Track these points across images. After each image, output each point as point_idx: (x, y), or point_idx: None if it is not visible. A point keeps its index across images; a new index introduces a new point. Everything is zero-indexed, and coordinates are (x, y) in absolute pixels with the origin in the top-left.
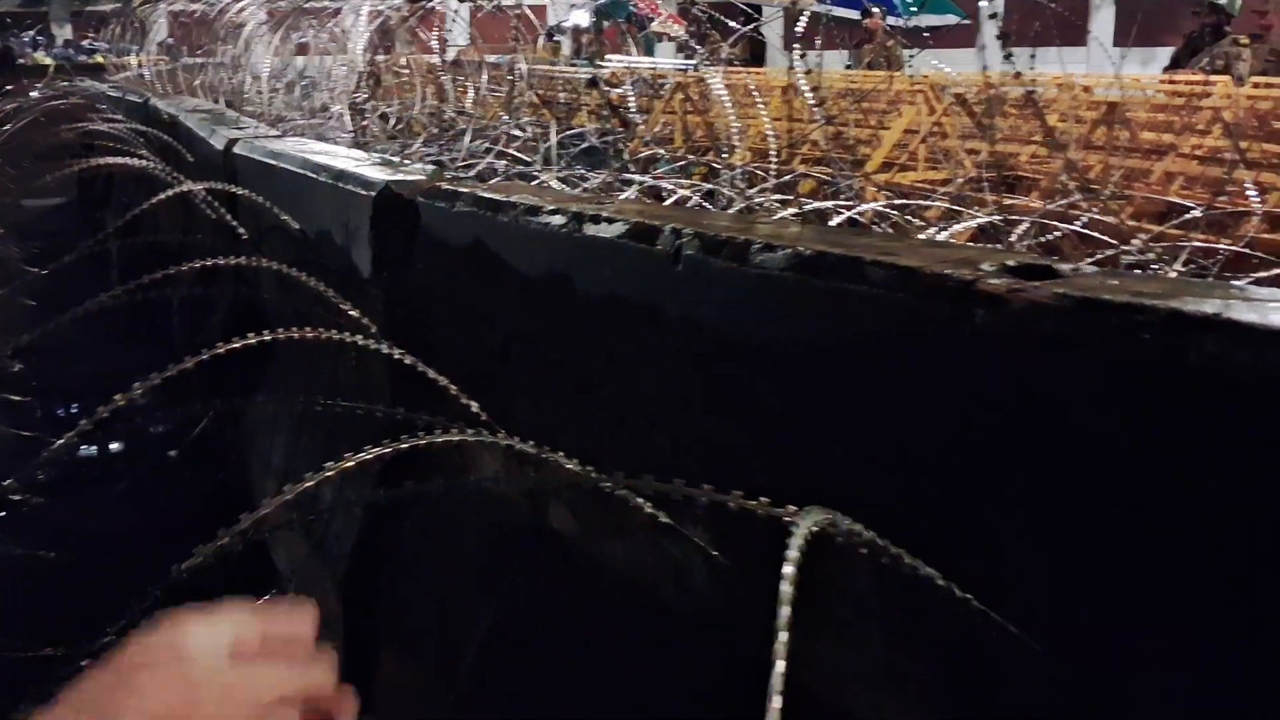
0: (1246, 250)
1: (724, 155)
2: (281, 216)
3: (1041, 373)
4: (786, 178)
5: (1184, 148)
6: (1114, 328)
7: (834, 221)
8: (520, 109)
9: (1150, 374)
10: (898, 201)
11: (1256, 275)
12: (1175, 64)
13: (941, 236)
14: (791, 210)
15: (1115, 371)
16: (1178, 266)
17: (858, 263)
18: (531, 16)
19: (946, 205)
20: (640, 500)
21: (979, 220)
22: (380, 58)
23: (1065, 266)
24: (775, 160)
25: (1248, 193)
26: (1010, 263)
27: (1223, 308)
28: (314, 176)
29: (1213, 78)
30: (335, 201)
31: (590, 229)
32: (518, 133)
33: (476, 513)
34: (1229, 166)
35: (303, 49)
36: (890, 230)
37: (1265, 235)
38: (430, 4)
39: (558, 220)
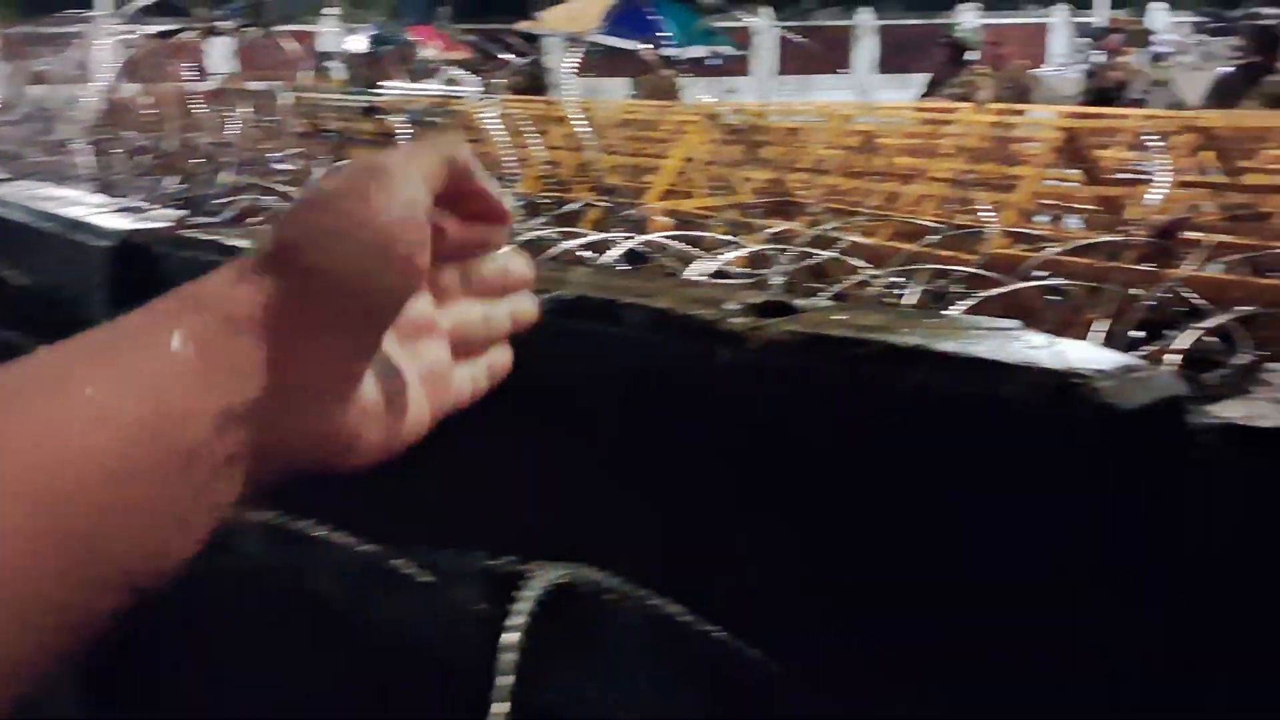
0: (980, 271)
1: (507, 186)
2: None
3: (779, 402)
4: (569, 208)
5: (935, 171)
6: (837, 360)
7: (615, 251)
8: (288, 140)
9: (870, 400)
10: (676, 232)
11: (989, 292)
12: (927, 92)
13: (714, 265)
14: (576, 242)
15: (842, 399)
16: (922, 286)
17: (614, 306)
18: (296, 45)
19: (720, 235)
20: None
21: (753, 248)
22: (131, 87)
23: (802, 302)
24: (556, 191)
25: (981, 213)
26: (753, 301)
27: (929, 340)
28: (43, 226)
29: (957, 105)
30: (68, 254)
31: None
32: (285, 166)
33: (240, 591)
34: (970, 188)
35: (40, 78)
36: (674, 257)
37: (1002, 251)
38: (184, 30)
39: None
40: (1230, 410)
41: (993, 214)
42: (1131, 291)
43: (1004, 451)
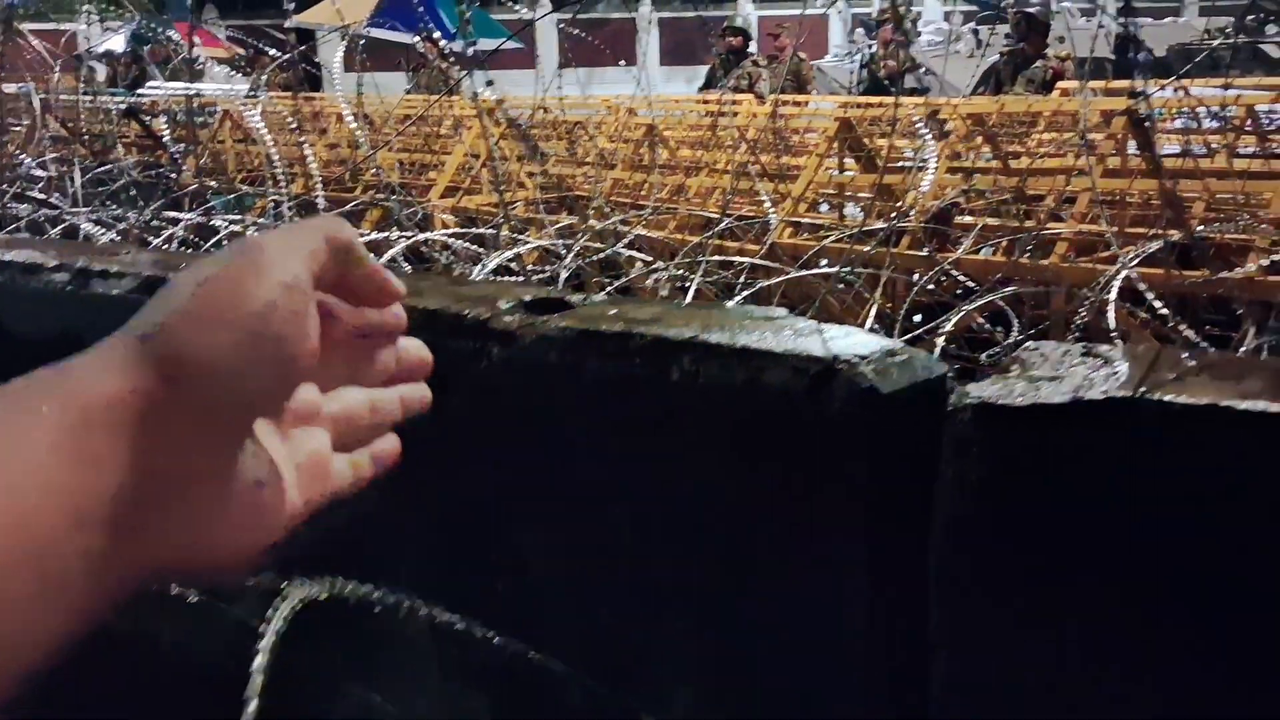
0: (762, 262)
1: (283, 187)
2: None
3: (553, 398)
4: (350, 207)
5: (718, 163)
6: (610, 354)
7: (392, 252)
8: (42, 144)
9: (643, 391)
10: (460, 230)
11: (771, 280)
12: (708, 84)
13: (498, 261)
14: None
15: (614, 391)
16: (706, 277)
17: None
18: (48, 45)
19: (504, 232)
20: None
21: (539, 243)
22: None
23: (577, 297)
24: (326, 190)
25: (764, 203)
26: (527, 298)
27: (700, 331)
28: None
29: (738, 96)
30: None
31: (99, 286)
32: (40, 172)
33: None
34: (753, 179)
35: None
36: (457, 255)
37: (785, 240)
38: None
39: (61, 278)
40: (985, 390)
41: (775, 204)
42: (915, 276)
43: (771, 435)
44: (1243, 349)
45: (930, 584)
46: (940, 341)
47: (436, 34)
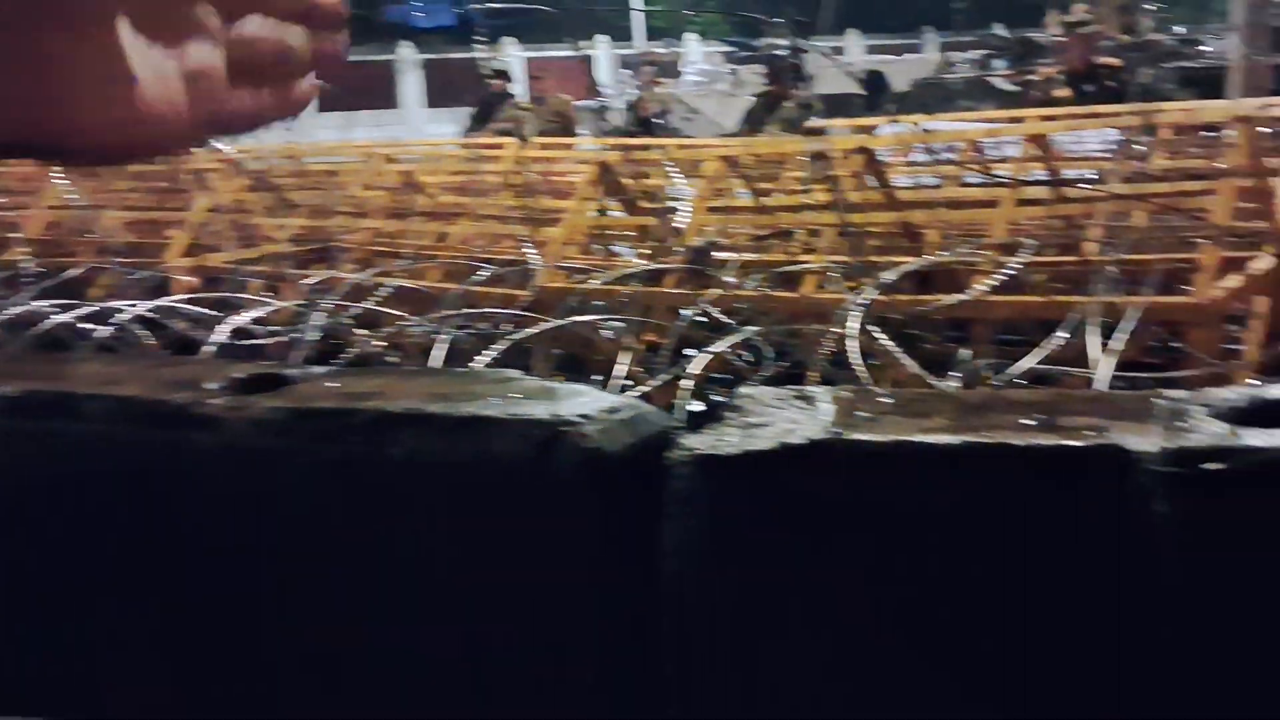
0: (524, 312)
1: None
2: None
3: (266, 486)
4: (71, 274)
5: (482, 208)
6: (326, 435)
7: (122, 318)
8: None
9: (361, 472)
10: (200, 294)
11: (535, 329)
12: (472, 127)
13: (239, 324)
14: (71, 315)
15: (334, 474)
16: (461, 331)
17: (72, 399)
18: None
19: (250, 293)
20: None
21: (284, 304)
22: None
23: (297, 371)
24: (55, 255)
25: (529, 249)
26: (240, 375)
27: (422, 403)
28: None
29: (502, 140)
30: None
31: None
32: None
33: None
34: (517, 223)
35: None
36: (193, 321)
37: (551, 285)
38: None
39: None
40: (700, 440)
41: (540, 249)
42: (682, 314)
43: (499, 505)
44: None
45: (662, 637)
46: (688, 381)
47: None
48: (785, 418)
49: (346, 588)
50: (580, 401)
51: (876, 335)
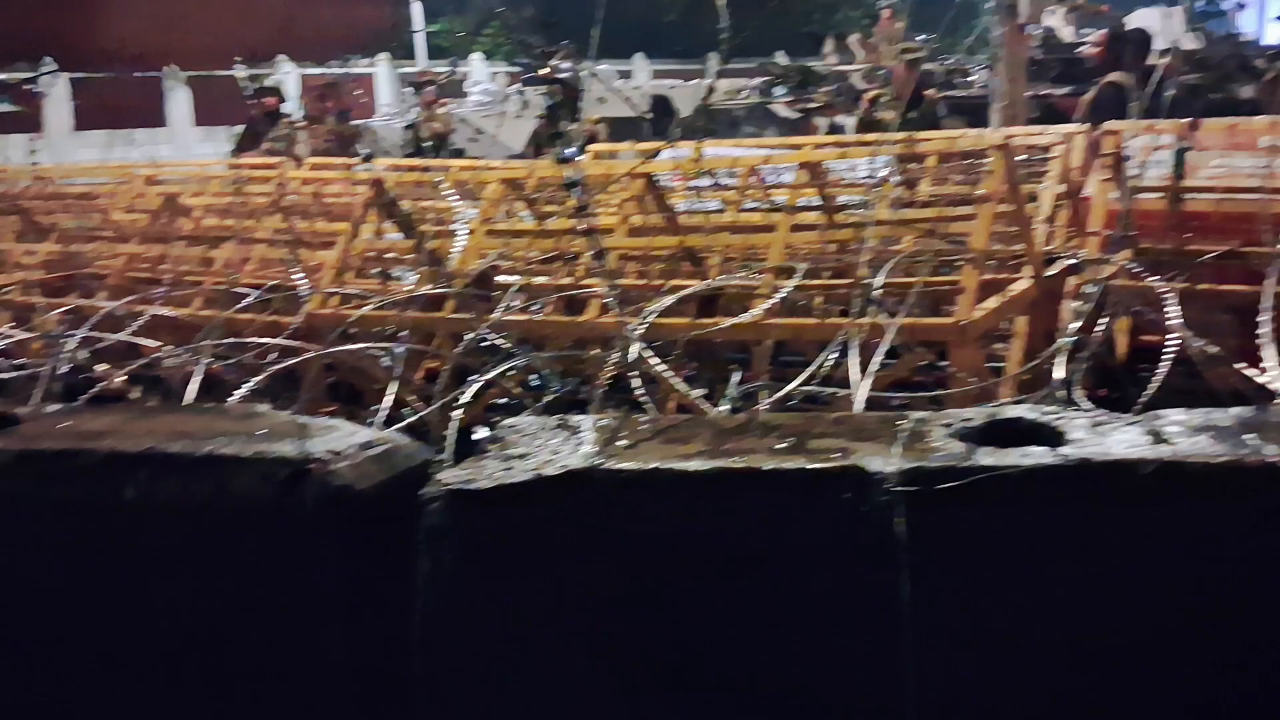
0: (294, 342)
1: None
2: None
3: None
4: None
5: (251, 231)
6: (54, 475)
7: None
8: None
9: (93, 515)
10: None
11: (302, 358)
12: (241, 147)
13: None
14: None
15: (62, 518)
16: (214, 361)
17: None
18: None
19: None
20: None
21: (26, 336)
22: None
23: (27, 410)
24: None
25: (294, 276)
26: None
27: (160, 441)
28: None
29: (274, 160)
30: None
31: None
32: None
33: None
34: (290, 248)
35: None
36: None
37: (324, 311)
38: None
39: None
40: (456, 475)
41: (310, 274)
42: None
43: (242, 546)
44: (727, 393)
45: (415, 674)
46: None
47: None
48: (547, 448)
49: (76, 636)
50: (331, 437)
51: (652, 360)
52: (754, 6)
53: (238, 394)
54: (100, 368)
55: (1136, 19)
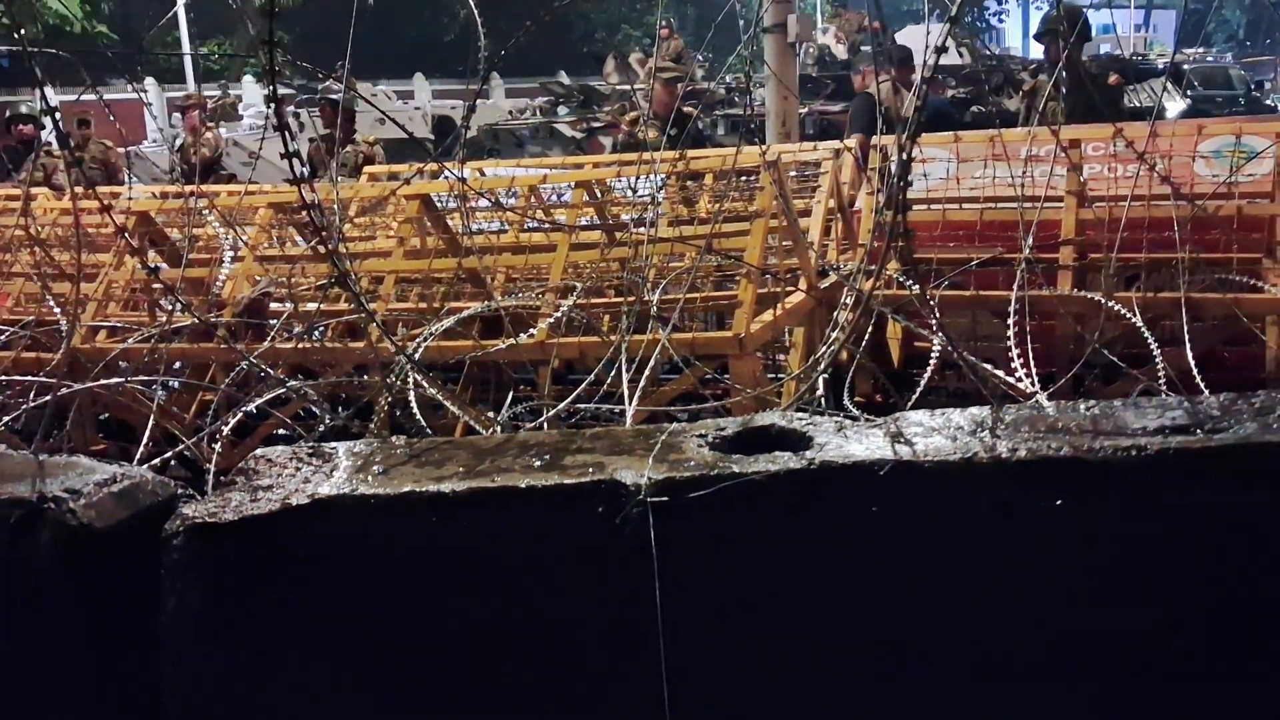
0: (54, 379)
1: None
2: None
3: None
4: None
5: (9, 265)
6: None
7: None
8: None
9: None
10: None
11: (63, 393)
12: None
13: None
14: None
15: None
16: None
17: None
18: None
19: None
20: None
21: None
22: None
23: None
24: None
25: (54, 309)
26: None
27: None
28: None
29: (33, 190)
30: None
31: None
32: None
33: None
34: (42, 281)
35: None
36: None
37: (88, 346)
38: None
39: None
40: (199, 508)
41: (72, 308)
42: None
43: None
44: (504, 414)
45: (167, 708)
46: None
47: None
48: (297, 478)
49: None
50: (69, 476)
51: (424, 384)
52: (527, 25)
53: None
54: None
55: (902, 36)
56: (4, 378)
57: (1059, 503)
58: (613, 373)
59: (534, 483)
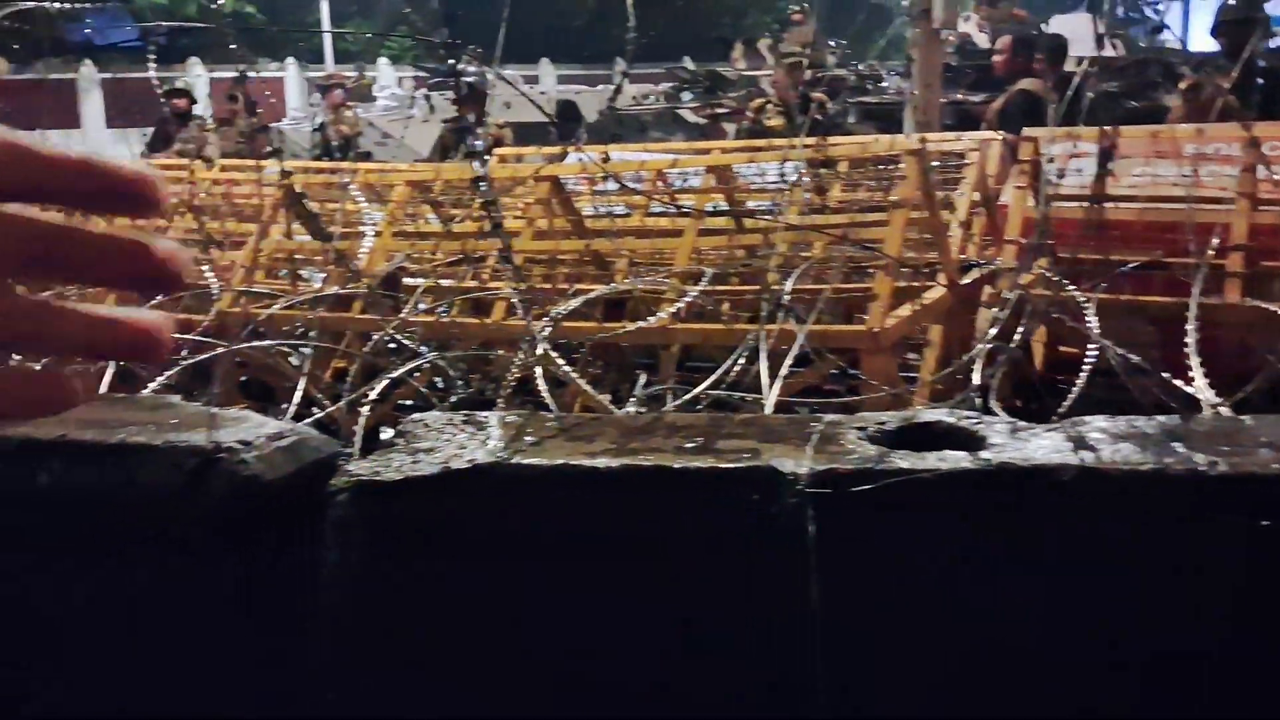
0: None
1: None
2: None
3: None
4: None
5: (170, 230)
6: None
7: None
8: None
9: (7, 498)
10: None
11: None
12: (152, 148)
13: None
14: None
15: None
16: None
17: None
18: None
19: None
20: None
21: None
22: None
23: None
24: None
25: (211, 273)
26: None
27: (73, 429)
28: None
29: (184, 161)
30: None
31: None
32: None
33: None
34: (201, 247)
35: None
36: None
37: (234, 310)
38: None
39: None
40: (363, 467)
41: (221, 273)
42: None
43: (152, 533)
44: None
45: (321, 671)
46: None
47: None
48: (454, 443)
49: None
50: (241, 428)
51: (559, 361)
52: (660, 11)
53: (150, 388)
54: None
55: (1056, 25)
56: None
57: (1265, 524)
58: (734, 360)
59: (688, 464)
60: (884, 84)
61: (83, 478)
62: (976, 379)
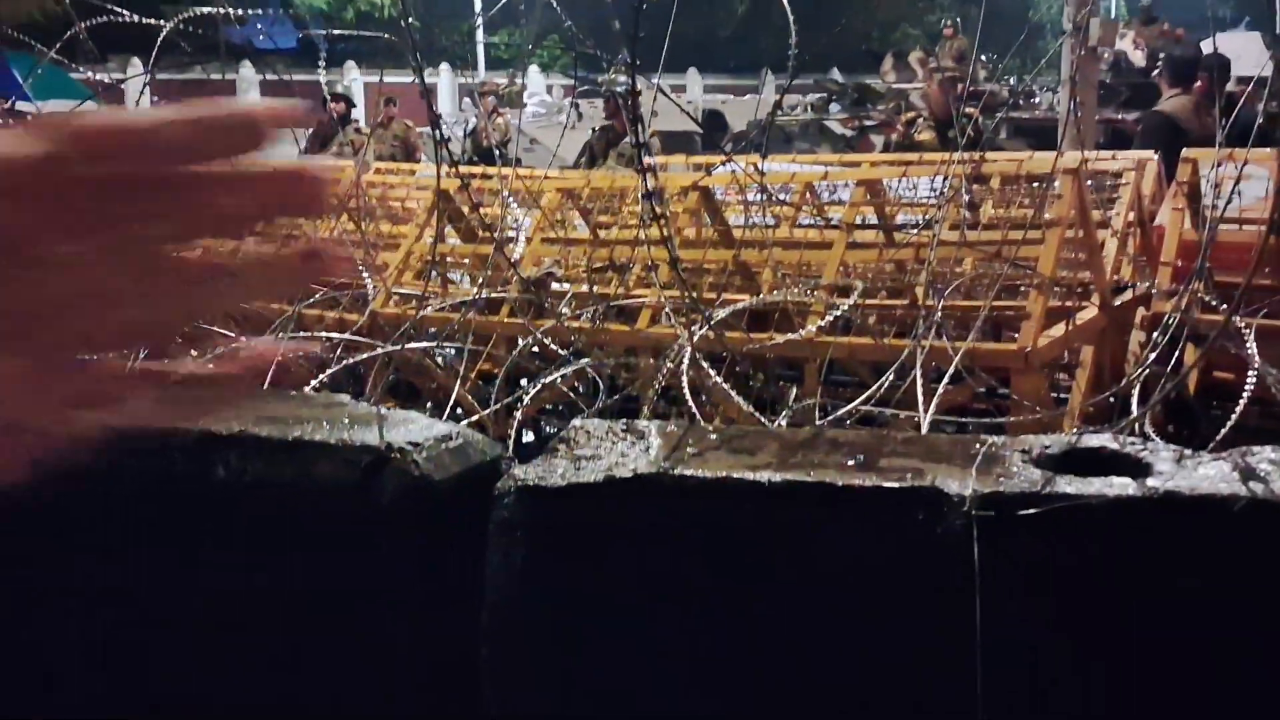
0: (360, 338)
1: None
2: None
3: (83, 503)
4: None
5: (326, 231)
6: (149, 452)
7: None
8: None
9: (184, 490)
10: None
11: (370, 354)
12: (310, 150)
13: None
14: None
15: (154, 491)
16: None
17: None
18: None
19: None
20: None
21: None
22: None
23: None
24: None
25: (360, 273)
26: None
27: (250, 424)
28: None
29: (341, 163)
30: None
31: None
32: None
33: None
34: (358, 249)
35: None
36: None
37: (388, 311)
38: None
39: None
40: (529, 471)
41: (376, 274)
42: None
43: (323, 528)
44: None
45: (481, 660)
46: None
47: (9, 96)
48: (614, 451)
49: (158, 610)
50: (410, 429)
51: (708, 372)
52: (812, 23)
53: (311, 385)
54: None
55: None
56: (323, 334)
57: None
58: (888, 376)
59: (852, 481)
60: (1036, 100)
61: (259, 470)
62: (1135, 405)
